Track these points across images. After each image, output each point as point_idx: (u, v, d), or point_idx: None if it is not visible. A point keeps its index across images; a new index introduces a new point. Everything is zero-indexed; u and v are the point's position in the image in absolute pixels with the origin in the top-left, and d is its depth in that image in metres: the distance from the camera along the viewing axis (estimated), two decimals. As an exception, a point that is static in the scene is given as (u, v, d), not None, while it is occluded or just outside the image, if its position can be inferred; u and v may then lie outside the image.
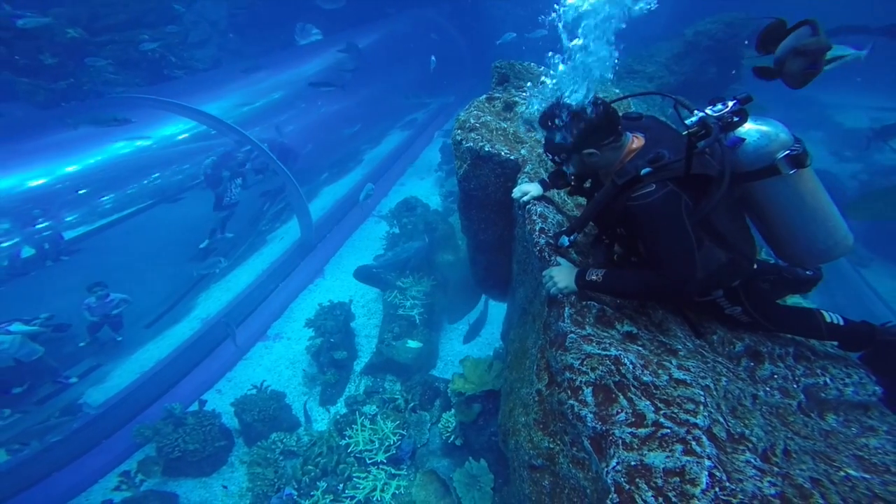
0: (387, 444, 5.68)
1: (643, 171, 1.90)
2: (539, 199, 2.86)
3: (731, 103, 2.06)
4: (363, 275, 6.67)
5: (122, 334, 6.71)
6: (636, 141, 2.09)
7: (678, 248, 1.94)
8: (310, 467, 5.60)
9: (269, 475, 5.63)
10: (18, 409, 5.79)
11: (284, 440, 5.92)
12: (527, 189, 2.82)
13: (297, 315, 8.20)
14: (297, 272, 8.88)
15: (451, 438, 5.36)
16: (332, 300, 7.80)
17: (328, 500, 5.30)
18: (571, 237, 2.30)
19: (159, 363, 6.75)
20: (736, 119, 2.03)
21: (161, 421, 5.97)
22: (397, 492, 5.30)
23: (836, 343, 2.62)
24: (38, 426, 5.81)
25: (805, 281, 2.74)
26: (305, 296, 8.74)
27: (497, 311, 6.98)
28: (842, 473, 1.90)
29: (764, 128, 2.05)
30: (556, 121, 2.03)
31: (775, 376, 2.46)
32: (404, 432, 5.81)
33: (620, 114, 2.14)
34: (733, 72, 8.76)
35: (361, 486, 5.34)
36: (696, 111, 2.09)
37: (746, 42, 10.02)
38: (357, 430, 5.80)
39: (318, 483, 5.47)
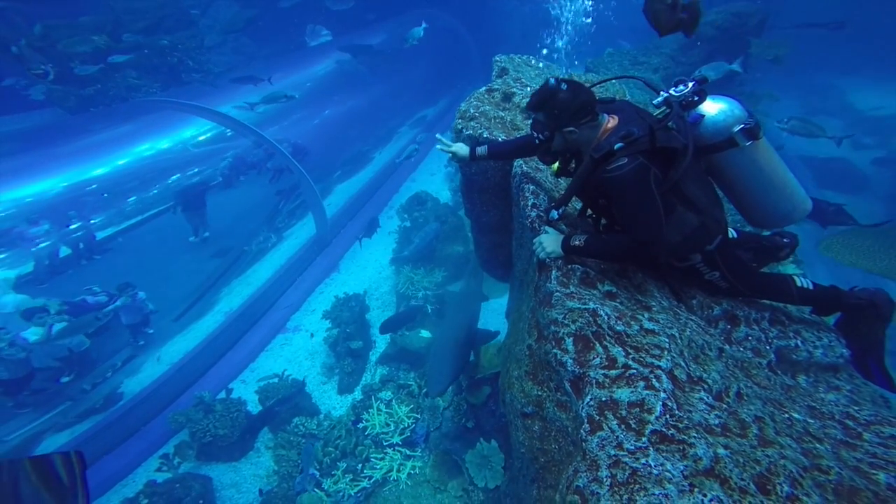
0: (401, 427, 5.94)
1: (616, 146, 2.15)
2: (532, 178, 3.10)
3: (690, 84, 2.31)
4: (388, 327, 7.10)
5: (152, 328, 7.15)
6: (611, 121, 2.32)
7: (647, 213, 2.18)
8: (330, 449, 5.90)
9: (292, 457, 5.97)
10: (67, 396, 6.25)
11: (306, 423, 6.24)
12: (455, 149, 3.07)
13: (314, 307, 8.55)
14: (314, 267, 9.24)
15: (463, 421, 5.57)
16: (347, 293, 8.11)
17: (348, 480, 5.59)
18: (560, 210, 2.55)
19: (187, 354, 7.16)
20: (696, 98, 2.29)
21: (192, 408, 6.37)
22: (412, 472, 5.53)
23: (810, 309, 2.79)
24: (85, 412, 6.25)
25: (782, 247, 2.96)
26: (322, 289, 9.10)
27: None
28: (786, 415, 2.15)
29: (722, 105, 2.31)
30: (541, 103, 2.30)
31: (749, 338, 2.66)
32: (418, 416, 6.05)
33: (598, 99, 2.39)
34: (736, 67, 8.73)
35: (379, 467, 5.60)
36: (661, 91, 2.34)
37: None
38: (373, 414, 6.07)
39: (338, 464, 5.77)
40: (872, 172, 12.10)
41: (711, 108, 2.31)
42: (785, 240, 2.90)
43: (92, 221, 7.28)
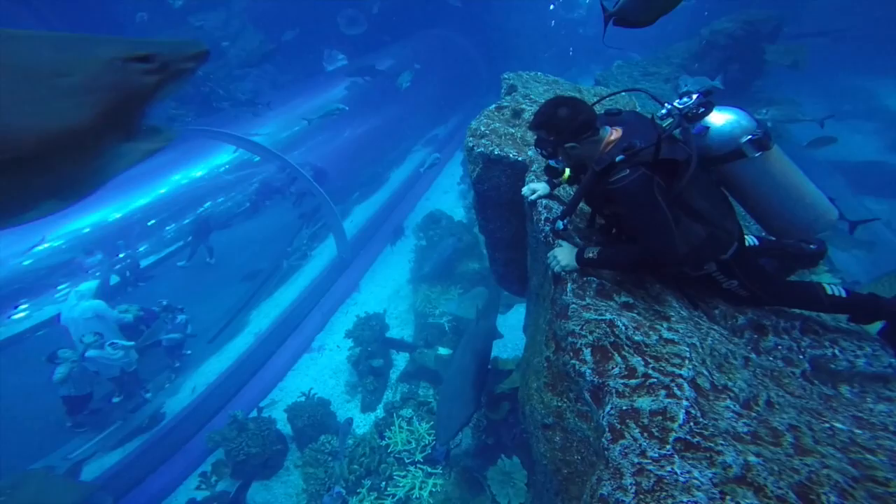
0: (423, 444, 5.96)
1: (617, 158, 2.18)
2: (546, 195, 3.15)
3: (695, 96, 2.33)
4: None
5: (189, 349, 7.44)
6: (615, 133, 2.36)
7: (654, 222, 2.19)
8: (355, 466, 5.95)
9: (320, 475, 6.03)
10: (119, 416, 6.55)
11: (332, 441, 6.30)
12: (535, 188, 3.08)
13: (337, 327, 8.67)
14: (336, 287, 9.39)
15: (483, 437, 5.54)
16: (367, 312, 8.22)
17: (373, 498, 5.62)
18: (565, 220, 2.58)
19: (222, 374, 7.40)
20: (702, 110, 2.31)
21: (227, 427, 6.52)
22: (434, 489, 5.54)
23: (846, 317, 2.68)
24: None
25: (810, 255, 2.89)
26: (344, 309, 9.23)
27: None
28: (826, 425, 2.06)
29: (729, 116, 2.31)
30: (541, 122, 2.37)
31: (779, 347, 2.57)
32: (440, 433, 6.08)
33: (605, 111, 2.45)
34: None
35: (401, 485, 5.63)
36: (665, 104, 2.38)
37: None
38: (395, 432, 6.10)
39: (362, 481, 5.81)
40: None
41: (719, 119, 2.32)
42: (812, 246, 2.83)
43: (138, 250, 7.66)
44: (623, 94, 4.31)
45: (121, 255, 7.62)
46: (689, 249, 2.32)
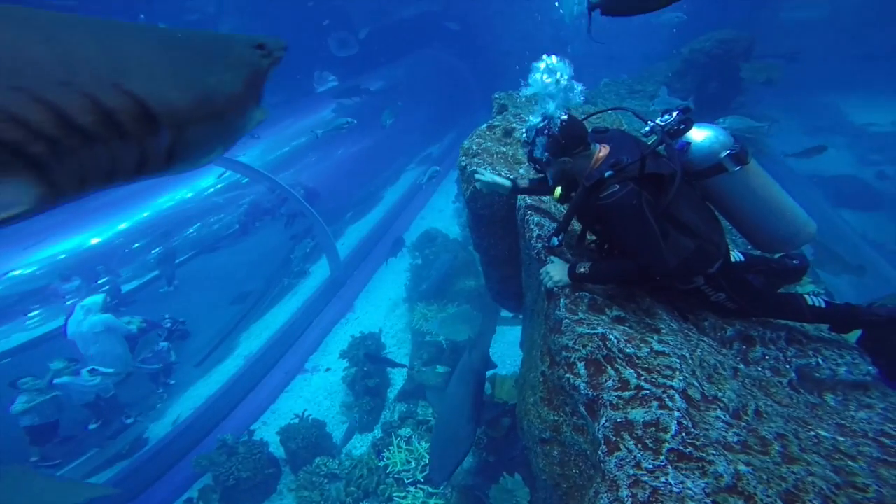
0: (422, 463, 5.90)
1: (606, 174, 2.27)
2: (536, 210, 3.22)
3: (675, 113, 2.44)
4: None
5: (174, 378, 7.30)
6: (603, 150, 2.45)
7: (643, 236, 2.27)
8: (352, 489, 5.87)
9: (315, 498, 5.94)
10: (95, 443, 6.39)
11: (328, 464, 6.24)
12: (494, 178, 3.11)
13: (331, 348, 8.63)
14: (329, 308, 9.38)
15: (484, 455, 5.51)
16: (362, 331, 8.19)
17: (372, 520, 5.56)
18: (559, 237, 2.65)
19: (210, 398, 7.28)
20: (682, 126, 2.41)
21: (216, 451, 6.41)
22: (436, 510, 5.50)
23: (827, 326, 2.78)
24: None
25: (794, 270, 2.99)
26: (338, 329, 9.20)
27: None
28: (811, 433, 2.14)
29: (708, 132, 2.42)
30: (535, 135, 2.44)
31: (767, 357, 2.66)
32: (439, 451, 6.04)
33: (592, 129, 2.54)
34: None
35: (402, 506, 5.58)
36: (648, 121, 2.48)
37: None
38: (394, 452, 6.05)
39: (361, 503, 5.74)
40: (884, 188, 12.08)
41: (698, 135, 2.42)
42: (794, 262, 2.93)
43: (120, 275, 7.59)
44: (609, 111, 4.43)
45: (101, 281, 7.56)
46: (678, 262, 2.39)
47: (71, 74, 0.99)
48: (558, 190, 2.73)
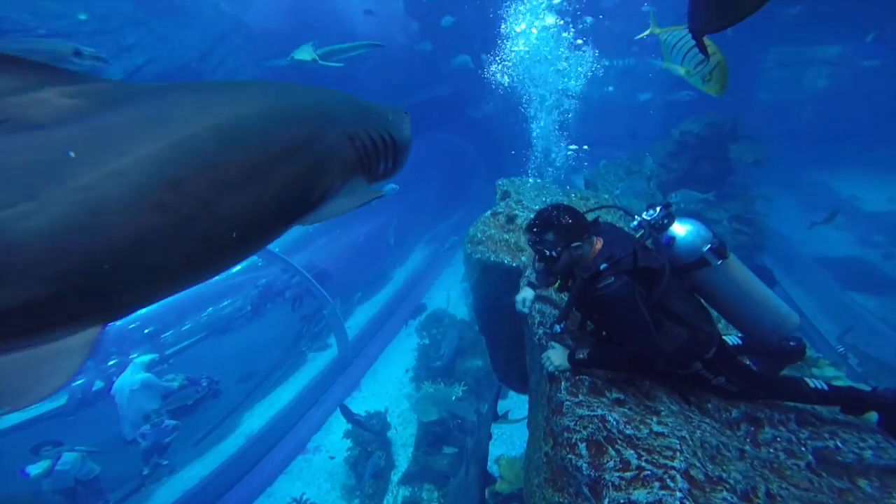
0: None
1: (601, 267, 2.44)
2: (538, 298, 3.37)
3: (658, 209, 2.65)
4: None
5: (169, 458, 7.11)
6: (598, 242, 2.63)
7: (636, 327, 2.39)
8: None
9: None
10: None
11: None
12: (523, 296, 3.21)
13: (335, 427, 8.48)
14: (336, 386, 9.33)
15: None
16: (368, 410, 8.10)
17: None
18: (562, 324, 2.78)
19: (202, 480, 7.05)
20: (665, 221, 2.62)
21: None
22: None
23: (839, 408, 2.74)
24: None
25: (792, 351, 3.07)
26: (344, 408, 9.05)
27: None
28: None
29: (688, 227, 2.62)
30: (548, 222, 2.57)
31: (778, 439, 2.63)
32: (445, 541, 5.79)
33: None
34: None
35: None
36: (635, 216, 2.71)
37: None
38: (398, 543, 5.80)
39: None
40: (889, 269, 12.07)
41: (680, 230, 2.61)
42: (791, 343, 2.99)
43: (131, 357, 7.71)
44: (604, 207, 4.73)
45: (111, 363, 7.68)
46: (674, 350, 2.51)
47: (363, 123, 1.75)
48: (556, 283, 2.92)
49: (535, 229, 2.63)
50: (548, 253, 2.59)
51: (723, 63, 3.49)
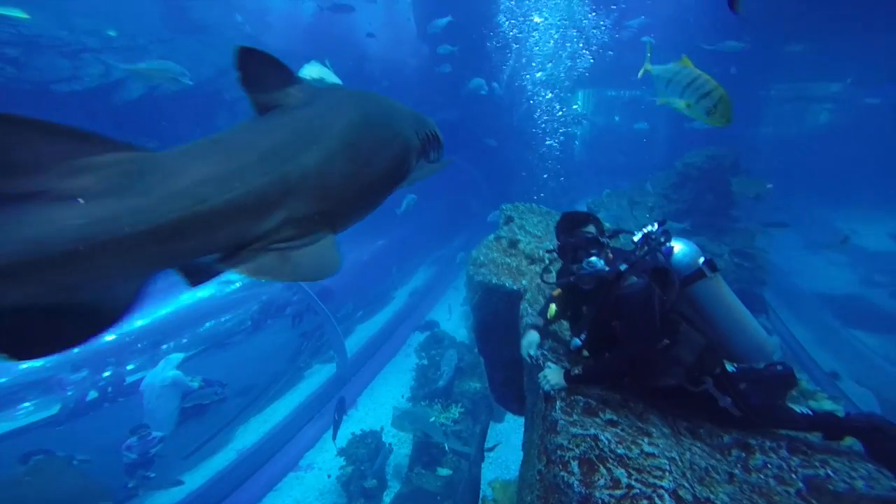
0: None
1: (622, 267, 2.59)
2: (535, 327, 3.39)
3: (655, 226, 2.82)
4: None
5: (155, 471, 7.01)
6: (610, 252, 2.75)
7: (645, 324, 2.51)
8: None
9: None
10: None
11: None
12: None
13: (328, 445, 8.41)
14: (332, 403, 9.29)
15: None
16: (363, 429, 8.07)
17: None
18: (581, 336, 2.84)
19: (190, 494, 6.98)
20: (662, 238, 2.77)
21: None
22: None
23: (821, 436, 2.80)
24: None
25: (782, 375, 3.12)
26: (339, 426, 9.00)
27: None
28: None
29: (681, 244, 2.77)
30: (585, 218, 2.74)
31: (769, 465, 2.65)
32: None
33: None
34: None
35: None
36: (636, 232, 2.88)
37: None
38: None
39: None
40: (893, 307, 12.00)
41: (676, 245, 2.77)
42: (779, 367, 3.03)
43: (128, 367, 7.79)
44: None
45: (105, 374, 7.73)
46: (694, 359, 2.61)
47: (421, 124, 2.23)
48: (552, 308, 3.04)
49: (572, 224, 2.73)
50: (592, 252, 2.64)
51: (724, 95, 3.66)
